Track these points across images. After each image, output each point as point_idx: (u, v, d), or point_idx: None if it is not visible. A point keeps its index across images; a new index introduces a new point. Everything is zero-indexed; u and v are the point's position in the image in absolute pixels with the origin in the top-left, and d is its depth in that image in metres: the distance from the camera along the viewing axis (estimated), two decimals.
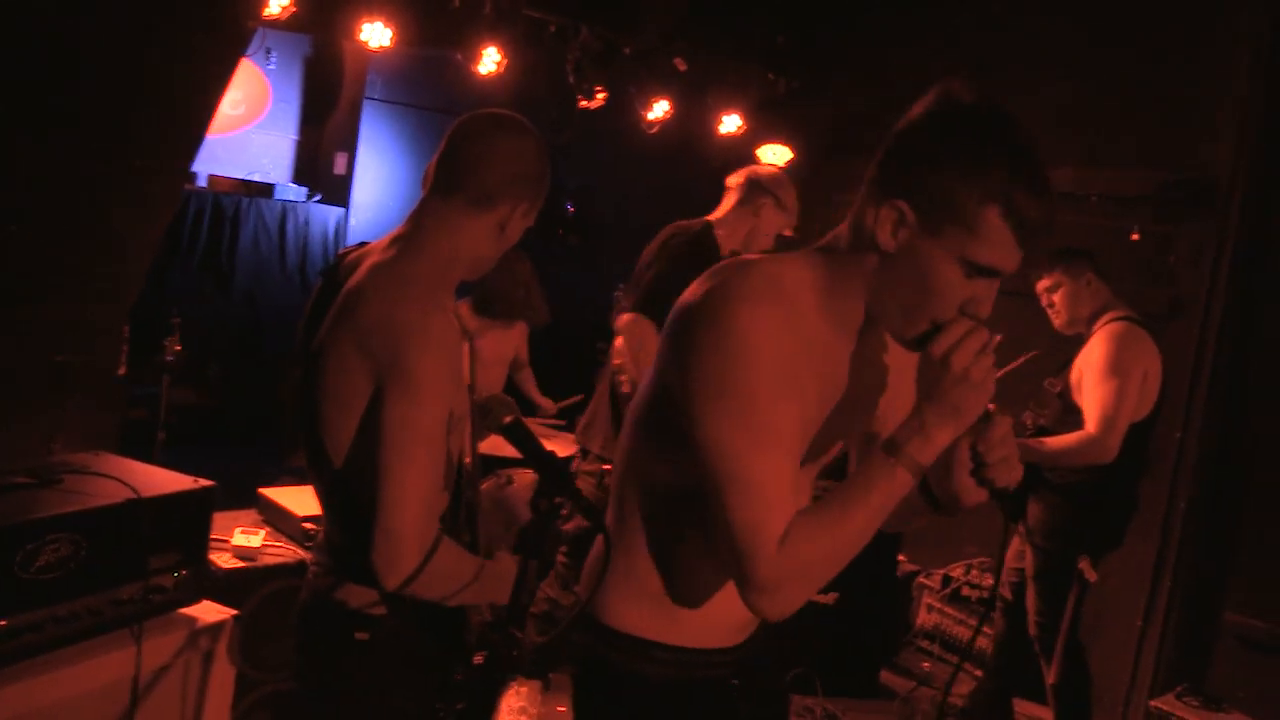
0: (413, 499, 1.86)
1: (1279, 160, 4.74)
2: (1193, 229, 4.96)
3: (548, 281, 4.96)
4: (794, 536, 1.54)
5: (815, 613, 4.81)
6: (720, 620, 1.82)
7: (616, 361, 3.91)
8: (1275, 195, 4.76)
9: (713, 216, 4.05)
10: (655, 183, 4.04)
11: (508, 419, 1.88)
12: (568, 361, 6.01)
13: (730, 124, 6.17)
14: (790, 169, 6.47)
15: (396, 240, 2.04)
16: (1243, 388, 4.81)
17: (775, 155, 6.39)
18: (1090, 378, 3.94)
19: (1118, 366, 3.89)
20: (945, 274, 1.54)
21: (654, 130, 5.81)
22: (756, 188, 4.04)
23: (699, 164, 5.49)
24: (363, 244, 2.14)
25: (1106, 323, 4.04)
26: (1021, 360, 4.32)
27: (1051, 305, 4.18)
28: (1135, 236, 5.09)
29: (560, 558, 3.95)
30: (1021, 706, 4.66)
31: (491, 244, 2.08)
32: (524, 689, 4.15)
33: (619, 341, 3.91)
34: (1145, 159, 5.20)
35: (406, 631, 2.06)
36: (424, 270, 1.97)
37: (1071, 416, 3.98)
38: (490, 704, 1.85)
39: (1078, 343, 4.15)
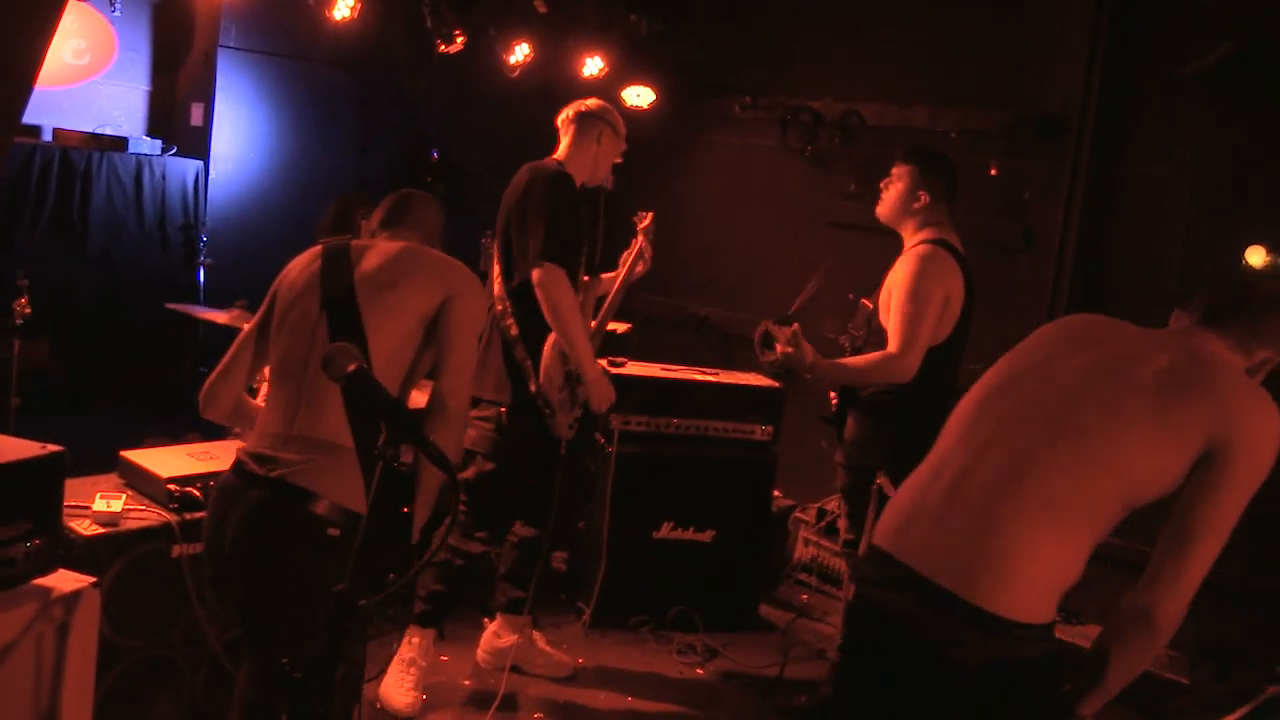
0: (469, 379, 2.73)
1: (1123, 95, 4.90)
2: (1045, 163, 5.11)
3: None
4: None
5: (694, 550, 4.89)
6: None
7: (499, 308, 3.97)
8: (1121, 129, 4.92)
9: (559, 156, 4.09)
10: (520, 127, 4.00)
11: (351, 367, 1.85)
12: None
13: (593, 66, 6.12)
14: (653, 110, 6.48)
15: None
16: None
17: (639, 97, 6.37)
18: (895, 299, 3.91)
19: (919, 289, 3.85)
20: None
21: (516, 74, 5.74)
22: (592, 118, 4.12)
23: (563, 107, 5.44)
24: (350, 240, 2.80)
25: (916, 244, 4.00)
26: (811, 286, 4.36)
27: (887, 189, 4.09)
28: (993, 171, 5.22)
29: (460, 505, 3.94)
30: None
31: None
32: (416, 640, 4.17)
33: (498, 289, 3.99)
34: (998, 96, 5.33)
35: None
36: None
37: (878, 337, 3.99)
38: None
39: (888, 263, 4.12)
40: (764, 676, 4.50)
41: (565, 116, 4.18)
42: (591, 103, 4.19)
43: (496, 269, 4.04)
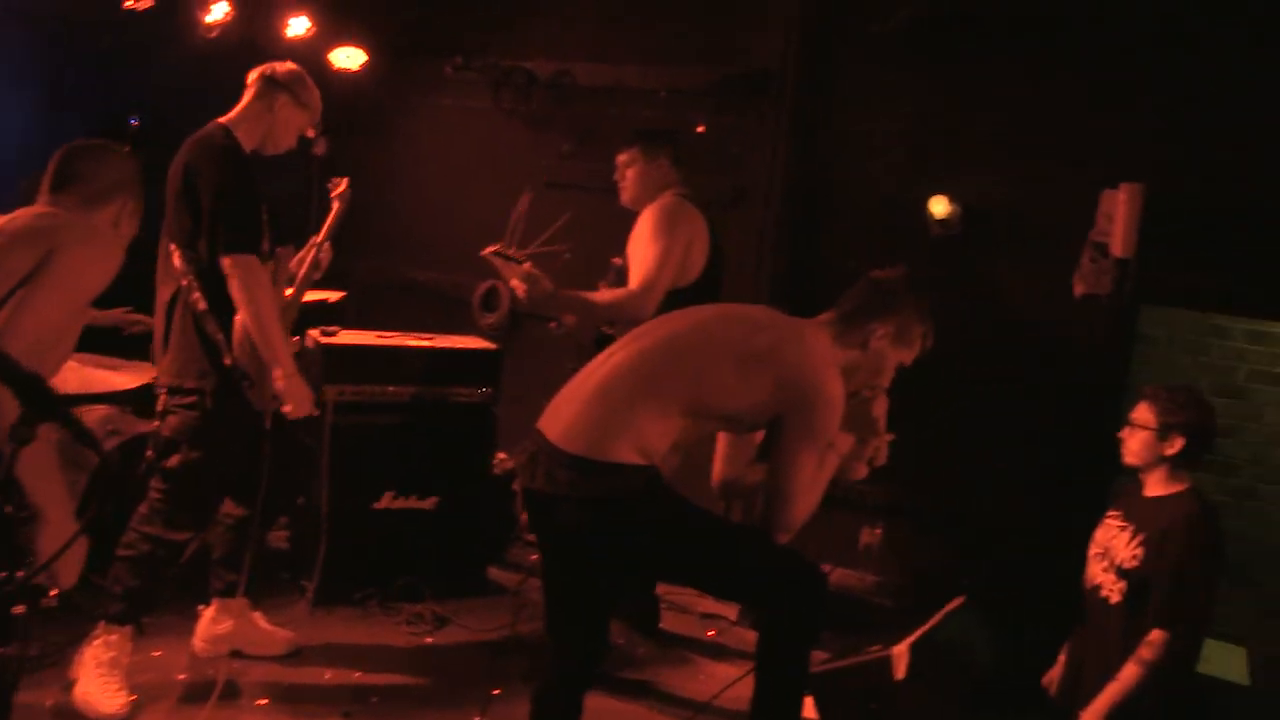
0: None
1: (827, 50, 5.08)
2: (753, 119, 5.26)
3: None
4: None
5: (417, 519, 4.81)
6: None
7: (184, 283, 3.72)
8: (825, 83, 5.11)
9: (227, 118, 3.88)
10: (227, 91, 3.77)
11: None
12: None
13: (298, 26, 5.85)
14: (366, 72, 6.29)
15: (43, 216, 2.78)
16: (806, 268, 5.18)
17: (349, 58, 6.16)
18: (638, 244, 4.12)
19: (661, 231, 4.07)
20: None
21: (214, 34, 5.42)
22: (272, 84, 3.93)
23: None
24: None
25: (660, 198, 4.22)
26: (547, 249, 4.39)
27: (623, 179, 4.33)
28: (701, 129, 5.33)
29: (154, 492, 3.69)
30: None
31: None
32: (113, 637, 3.87)
33: (178, 263, 3.74)
34: (706, 54, 5.45)
35: None
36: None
37: None
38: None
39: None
40: (495, 639, 4.48)
41: (251, 76, 3.99)
42: (281, 68, 4.01)
43: (172, 245, 3.77)
